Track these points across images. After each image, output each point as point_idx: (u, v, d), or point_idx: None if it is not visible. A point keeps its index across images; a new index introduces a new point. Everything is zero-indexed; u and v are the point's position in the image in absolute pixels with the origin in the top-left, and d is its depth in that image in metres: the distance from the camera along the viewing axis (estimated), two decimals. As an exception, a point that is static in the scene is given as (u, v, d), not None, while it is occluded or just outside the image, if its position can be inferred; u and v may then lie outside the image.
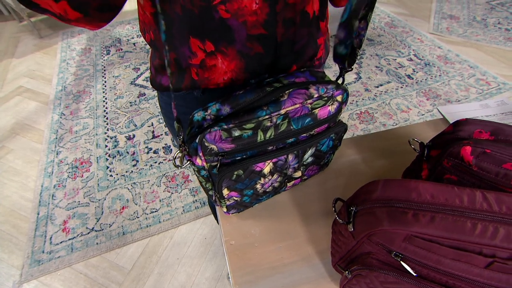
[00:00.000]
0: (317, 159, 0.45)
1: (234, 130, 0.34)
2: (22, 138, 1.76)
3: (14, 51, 2.54)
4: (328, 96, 0.38)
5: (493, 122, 0.36)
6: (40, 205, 1.38)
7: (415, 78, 2.08)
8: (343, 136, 0.45)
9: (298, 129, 0.37)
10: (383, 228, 0.26)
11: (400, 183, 0.28)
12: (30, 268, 1.18)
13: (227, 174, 0.37)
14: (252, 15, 0.36)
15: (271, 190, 0.45)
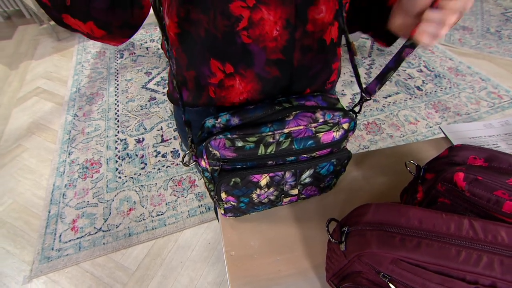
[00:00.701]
0: (316, 181, 0.46)
1: (238, 141, 0.37)
2: (37, 137, 1.82)
3: (34, 53, 2.64)
4: (333, 123, 0.39)
5: (488, 149, 0.37)
6: (51, 204, 1.43)
7: (425, 90, 2.07)
8: (346, 163, 0.46)
9: (299, 149, 0.39)
10: (371, 250, 0.27)
11: (391, 208, 0.30)
12: (40, 264, 1.22)
13: (226, 179, 0.39)
14: (272, 41, 0.39)
15: (267, 202, 0.47)
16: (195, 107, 0.48)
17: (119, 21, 0.36)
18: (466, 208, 0.35)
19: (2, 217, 1.40)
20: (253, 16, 0.36)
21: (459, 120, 1.84)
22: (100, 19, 0.33)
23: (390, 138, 1.71)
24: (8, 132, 1.87)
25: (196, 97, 0.47)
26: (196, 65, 0.43)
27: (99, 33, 0.35)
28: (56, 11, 0.31)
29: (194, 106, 0.48)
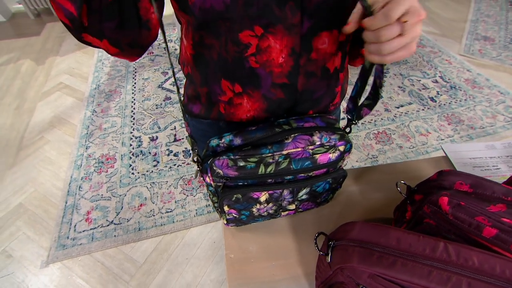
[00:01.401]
0: (313, 197, 0.49)
1: (240, 161, 0.40)
2: (58, 131, 1.93)
3: (59, 49, 2.77)
4: (330, 145, 0.42)
5: (474, 176, 0.39)
6: (68, 195, 1.52)
7: (438, 101, 2.04)
8: (342, 181, 0.48)
9: (297, 169, 0.42)
10: (352, 264, 0.30)
11: (373, 228, 0.33)
12: (56, 251, 1.30)
13: (228, 195, 0.43)
14: (278, 67, 0.42)
15: (266, 215, 0.50)
16: (206, 119, 0.52)
17: (128, 40, 0.39)
18: (449, 230, 0.38)
19: (24, 204, 1.50)
20: (261, 44, 0.40)
21: (472, 134, 1.82)
22: (112, 38, 0.37)
23: (400, 149, 1.71)
24: (33, 125, 1.98)
25: (208, 111, 0.51)
26: (209, 83, 0.47)
27: (113, 50, 0.40)
28: (77, 31, 0.35)
29: (206, 118, 0.52)
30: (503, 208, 0.35)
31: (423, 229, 0.40)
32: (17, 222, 1.43)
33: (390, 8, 0.28)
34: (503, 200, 0.36)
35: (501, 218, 0.34)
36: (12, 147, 1.82)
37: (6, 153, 1.78)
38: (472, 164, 0.63)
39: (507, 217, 0.34)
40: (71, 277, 1.23)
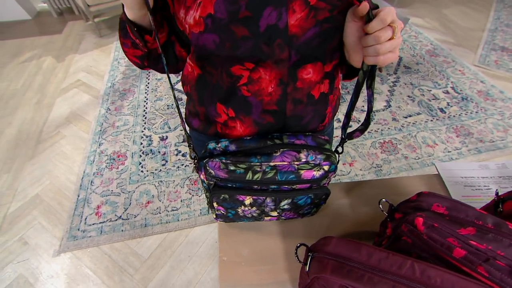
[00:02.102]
0: (294, 208, 0.52)
1: (230, 165, 0.45)
2: (74, 126, 2.02)
3: (78, 47, 2.89)
4: (314, 164, 0.45)
5: (451, 199, 0.41)
6: (81, 189, 1.60)
7: (448, 113, 2.02)
8: (325, 198, 0.52)
9: (281, 181, 0.45)
10: (325, 275, 0.34)
11: (348, 243, 0.36)
12: (67, 241, 1.38)
13: (217, 193, 0.47)
14: (267, 96, 0.46)
15: (250, 217, 0.54)
16: (205, 134, 0.57)
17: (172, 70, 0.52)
18: (424, 248, 0.40)
19: (41, 196, 1.59)
20: (252, 75, 0.44)
21: (481, 148, 1.79)
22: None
23: (405, 159, 1.71)
24: (51, 120, 2.09)
25: (206, 127, 0.55)
26: (205, 104, 0.51)
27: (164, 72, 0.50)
28: (142, 68, 0.51)
29: (203, 133, 0.57)
30: (473, 232, 0.37)
31: (401, 245, 0.43)
32: (33, 212, 1.52)
33: (384, 16, 0.34)
34: (474, 224, 0.38)
35: (469, 241, 0.36)
36: (32, 140, 1.92)
37: (26, 145, 1.89)
38: (463, 183, 0.65)
39: (475, 240, 0.36)
40: (80, 267, 1.30)
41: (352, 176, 1.64)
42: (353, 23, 0.39)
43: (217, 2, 0.37)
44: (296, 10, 0.38)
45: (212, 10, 0.37)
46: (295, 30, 0.40)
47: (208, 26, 0.38)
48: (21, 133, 1.98)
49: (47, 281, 1.27)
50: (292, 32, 0.40)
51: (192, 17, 0.38)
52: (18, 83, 2.44)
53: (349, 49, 0.44)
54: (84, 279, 1.27)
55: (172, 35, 0.48)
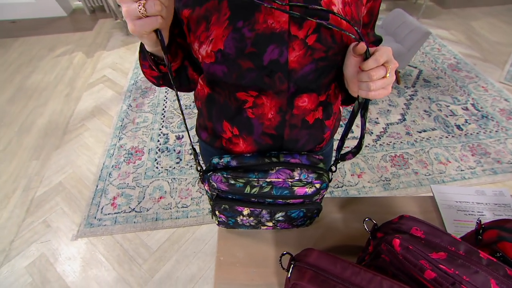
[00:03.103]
0: (288, 220, 0.57)
1: (231, 180, 0.50)
2: (97, 120, 2.15)
3: (106, 44, 3.05)
4: (307, 181, 0.50)
5: (430, 225, 0.45)
6: (99, 180, 1.71)
7: (465, 130, 1.98)
8: (317, 212, 0.56)
9: (276, 195, 0.50)
10: (302, 283, 0.38)
11: (326, 257, 0.40)
12: (84, 227, 1.49)
13: (219, 203, 0.53)
14: (268, 120, 0.52)
15: (249, 226, 0.59)
16: (211, 146, 0.63)
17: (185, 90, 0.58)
18: (399, 267, 0.44)
19: (63, 183, 1.72)
20: (256, 101, 0.49)
21: (497, 169, 1.75)
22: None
23: (415, 175, 1.70)
24: (77, 112, 2.23)
25: (212, 141, 0.61)
26: (213, 120, 0.57)
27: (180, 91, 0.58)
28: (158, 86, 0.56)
29: (210, 146, 0.62)
30: (443, 256, 0.40)
31: (380, 262, 0.47)
32: (56, 198, 1.64)
33: (378, 56, 0.38)
34: (446, 249, 0.41)
35: (439, 264, 0.40)
36: (59, 131, 2.07)
37: (54, 135, 2.03)
38: (457, 207, 0.67)
39: (444, 264, 0.40)
40: (94, 252, 1.41)
41: (359, 187, 1.66)
42: (352, 57, 0.43)
43: (227, 39, 0.42)
44: (295, 48, 0.43)
45: (222, 46, 0.42)
46: (294, 65, 0.44)
47: (218, 58, 0.44)
48: (50, 124, 2.13)
49: (65, 262, 1.38)
50: (291, 67, 0.44)
51: (204, 50, 0.44)
52: (51, 76, 2.62)
53: (348, 79, 0.48)
54: (97, 264, 1.37)
55: (185, 61, 0.54)
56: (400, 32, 2.16)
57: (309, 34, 0.42)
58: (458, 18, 3.52)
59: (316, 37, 0.42)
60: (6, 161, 1.86)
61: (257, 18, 0.41)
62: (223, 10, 0.41)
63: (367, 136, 1.95)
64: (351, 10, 0.44)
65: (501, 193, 0.70)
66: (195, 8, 0.43)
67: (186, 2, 0.44)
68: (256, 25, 0.41)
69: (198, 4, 0.43)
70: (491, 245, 0.46)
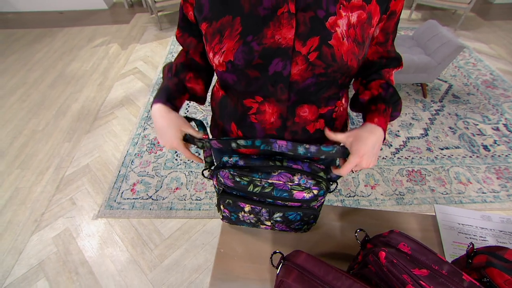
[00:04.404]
0: (286, 222, 0.60)
1: (237, 177, 0.55)
2: (126, 109, 2.28)
3: (140, 38, 3.21)
4: (305, 187, 0.53)
5: (418, 243, 0.46)
6: (122, 166, 1.83)
7: (493, 151, 1.89)
8: (314, 218, 0.59)
9: (276, 196, 0.54)
10: (287, 280, 0.42)
11: (313, 260, 0.43)
12: (105, 209, 1.61)
13: (223, 198, 0.58)
14: (269, 124, 0.56)
15: (249, 223, 0.63)
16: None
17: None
18: (383, 279, 0.46)
19: (90, 165, 1.86)
20: (260, 107, 0.53)
21: (523, 195, 1.66)
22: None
23: (431, 192, 1.66)
24: (108, 100, 2.38)
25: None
26: (223, 120, 0.62)
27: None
28: None
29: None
30: (425, 273, 0.42)
31: (366, 272, 0.49)
32: (83, 178, 1.78)
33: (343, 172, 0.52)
34: (429, 267, 0.43)
35: (419, 280, 0.42)
36: (90, 116, 2.23)
37: (86, 120, 2.19)
38: (458, 230, 0.67)
39: (425, 281, 0.41)
40: (111, 233, 1.52)
41: (371, 199, 1.64)
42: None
43: (237, 52, 0.46)
44: (298, 63, 0.46)
45: (232, 57, 0.47)
46: (296, 77, 0.48)
47: (228, 68, 0.49)
48: (83, 109, 2.30)
49: (85, 238, 1.50)
50: (293, 79, 0.48)
51: (217, 60, 0.49)
52: (88, 65, 2.81)
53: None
54: (113, 244, 1.47)
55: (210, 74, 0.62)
56: (431, 45, 2.10)
57: (311, 51, 0.46)
58: (501, 31, 3.33)
59: (317, 54, 0.46)
60: (43, 141, 2.04)
61: (266, 33, 0.45)
62: (235, 26, 0.46)
63: (385, 147, 1.92)
64: (355, 32, 0.46)
65: (509, 221, 0.69)
66: (212, 22, 0.48)
67: (205, 16, 0.49)
68: (264, 39, 0.45)
69: (215, 19, 0.48)
70: (479, 269, 0.47)
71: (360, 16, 0.46)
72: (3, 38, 3.31)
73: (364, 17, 0.46)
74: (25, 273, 1.38)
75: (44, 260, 1.42)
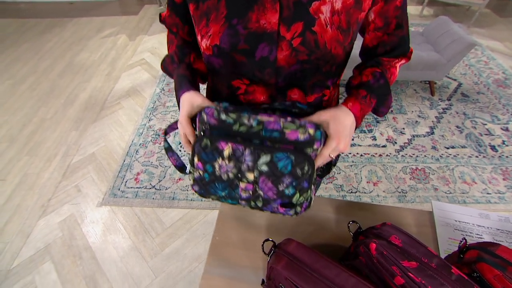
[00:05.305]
0: (273, 175, 0.47)
1: (222, 114, 0.47)
2: (132, 100, 2.31)
3: (148, 29, 3.22)
4: (300, 124, 0.45)
5: (410, 236, 0.46)
6: (127, 155, 1.86)
7: (500, 152, 1.86)
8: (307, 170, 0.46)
9: (265, 136, 0.46)
10: (276, 267, 0.42)
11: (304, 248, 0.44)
12: (109, 197, 1.64)
13: (201, 139, 0.47)
14: (260, 102, 0.57)
15: (226, 180, 0.50)
16: None
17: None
18: (372, 270, 0.46)
19: (96, 154, 1.89)
20: (248, 88, 0.55)
21: (529, 197, 1.63)
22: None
23: (434, 191, 1.64)
24: (115, 90, 2.41)
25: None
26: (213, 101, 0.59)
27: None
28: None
29: None
30: (414, 265, 0.42)
31: (357, 263, 0.50)
32: (88, 167, 1.82)
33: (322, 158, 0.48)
34: (419, 260, 0.43)
35: (408, 272, 0.42)
36: (97, 106, 2.26)
37: (92, 110, 2.23)
38: (454, 226, 0.66)
39: (413, 273, 0.42)
40: (114, 220, 1.55)
41: (373, 195, 1.64)
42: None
43: (223, 35, 0.47)
44: (283, 48, 0.47)
45: (218, 41, 0.48)
46: (282, 63, 0.49)
47: (215, 52, 0.49)
48: (91, 99, 2.33)
49: (89, 225, 1.54)
50: (280, 64, 0.49)
51: (204, 43, 0.50)
52: (97, 55, 2.84)
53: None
54: (116, 231, 1.51)
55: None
56: (442, 41, 2.05)
57: (295, 37, 0.46)
58: (516, 29, 3.23)
59: (301, 40, 0.46)
60: (51, 129, 2.08)
61: (250, 16, 0.46)
62: (221, 9, 0.47)
63: (389, 145, 1.90)
64: (339, 19, 0.46)
65: (507, 219, 0.68)
66: (198, 3, 0.49)
67: None
68: (249, 23, 0.46)
69: (201, 0, 0.48)
70: (470, 264, 0.47)
71: (345, 2, 0.46)
72: (16, 28, 3.36)
73: (350, 2, 0.46)
74: (32, 256, 1.43)
75: (50, 244, 1.47)
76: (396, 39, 0.54)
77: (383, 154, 1.84)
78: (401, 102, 2.21)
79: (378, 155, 1.84)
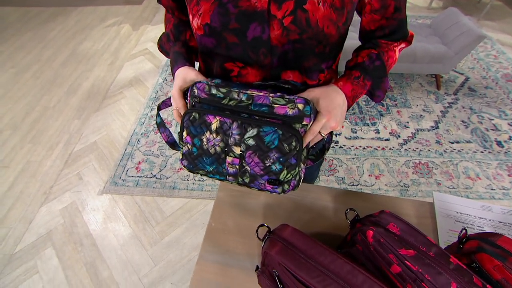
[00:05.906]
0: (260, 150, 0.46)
1: (213, 88, 0.48)
2: (134, 89, 2.30)
3: (152, 19, 3.19)
4: (289, 99, 0.45)
5: (408, 224, 0.45)
6: (128, 144, 1.86)
7: (507, 147, 1.82)
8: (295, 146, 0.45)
9: (254, 110, 0.46)
10: (270, 252, 0.42)
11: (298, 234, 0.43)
12: (110, 185, 1.65)
13: (190, 112, 0.48)
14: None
15: (213, 154, 0.49)
16: None
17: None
18: (369, 258, 0.45)
19: (97, 143, 1.90)
20: (242, 71, 0.53)
21: (535, 193, 1.61)
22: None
23: (437, 185, 1.62)
24: (118, 80, 2.40)
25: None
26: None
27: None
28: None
29: None
30: (412, 254, 0.41)
31: (354, 251, 0.49)
32: (90, 155, 1.82)
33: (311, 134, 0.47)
34: (417, 248, 0.42)
35: (405, 260, 0.41)
36: (100, 95, 2.26)
37: (95, 99, 2.22)
38: (455, 218, 0.65)
39: (410, 261, 0.41)
40: (115, 208, 1.56)
41: (375, 189, 1.62)
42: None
43: (213, 14, 0.46)
44: (275, 28, 0.46)
45: (208, 20, 0.46)
46: (276, 42, 0.47)
47: (206, 31, 0.48)
48: (93, 88, 2.33)
49: (90, 212, 1.55)
50: (273, 43, 0.48)
51: (196, 23, 0.49)
52: (100, 44, 2.82)
53: None
54: (116, 219, 1.52)
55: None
56: (450, 34, 2.00)
57: (286, 15, 0.45)
58: (528, 23, 3.14)
59: (292, 19, 0.45)
60: (54, 117, 2.08)
61: None
62: None
63: (393, 138, 1.87)
64: None
65: (510, 212, 0.66)
66: None
67: None
68: (239, 1, 0.45)
69: None
70: (470, 254, 0.45)
71: None
72: (20, 16, 3.35)
73: None
74: (34, 241, 1.44)
75: (52, 230, 1.48)
76: (395, 23, 0.53)
77: (386, 147, 1.82)
78: (406, 95, 2.17)
79: (381, 148, 1.81)
